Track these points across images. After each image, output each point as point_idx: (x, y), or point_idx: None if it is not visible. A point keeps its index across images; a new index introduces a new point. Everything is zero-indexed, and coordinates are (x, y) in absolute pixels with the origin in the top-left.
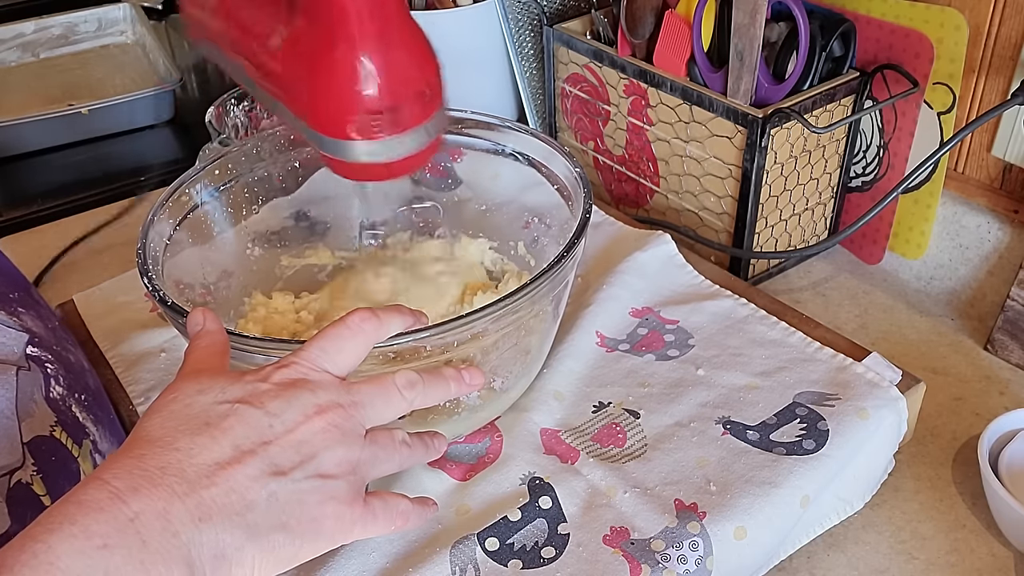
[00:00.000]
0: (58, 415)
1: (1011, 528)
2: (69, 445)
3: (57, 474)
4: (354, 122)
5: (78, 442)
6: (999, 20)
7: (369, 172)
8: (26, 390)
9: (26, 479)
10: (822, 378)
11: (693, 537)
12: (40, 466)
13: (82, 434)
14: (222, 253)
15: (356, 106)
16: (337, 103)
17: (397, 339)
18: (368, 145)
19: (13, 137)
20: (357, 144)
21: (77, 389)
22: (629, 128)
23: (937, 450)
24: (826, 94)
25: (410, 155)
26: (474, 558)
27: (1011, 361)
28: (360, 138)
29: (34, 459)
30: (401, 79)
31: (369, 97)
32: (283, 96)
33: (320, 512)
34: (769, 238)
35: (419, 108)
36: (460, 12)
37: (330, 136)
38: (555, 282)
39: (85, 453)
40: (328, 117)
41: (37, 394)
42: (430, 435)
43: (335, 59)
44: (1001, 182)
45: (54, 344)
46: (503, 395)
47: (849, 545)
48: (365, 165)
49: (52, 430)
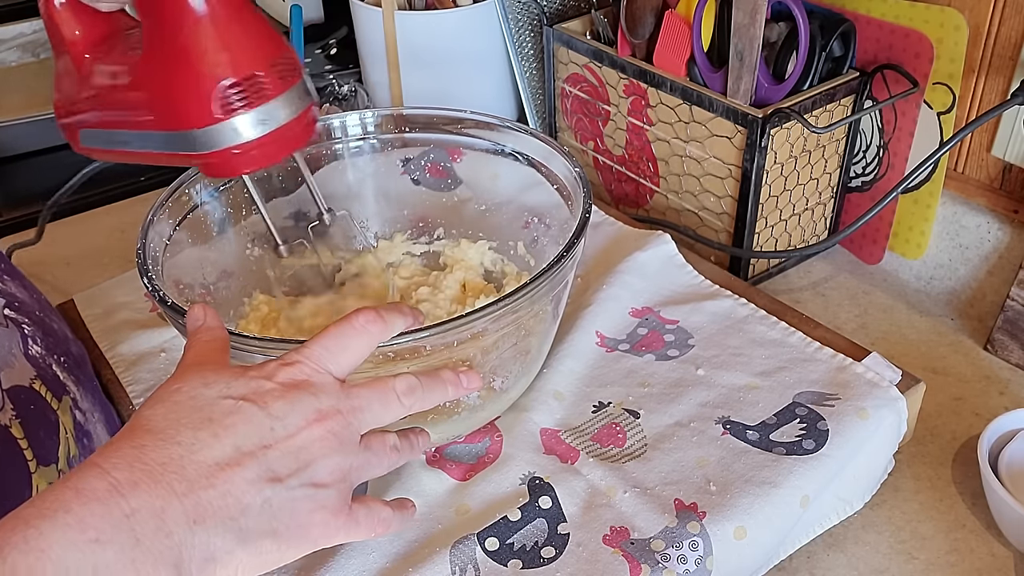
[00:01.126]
0: (38, 371)
1: (1011, 528)
2: (48, 398)
3: (36, 423)
4: (215, 99)
5: (58, 397)
6: (999, 20)
7: (250, 157)
8: (3, 344)
9: (4, 421)
10: (822, 378)
11: (693, 537)
12: (19, 412)
13: (62, 391)
14: (222, 253)
15: (212, 82)
16: (195, 87)
17: (397, 339)
18: (235, 121)
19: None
20: (226, 125)
21: (58, 352)
22: (629, 128)
23: (937, 450)
24: (826, 94)
25: (281, 127)
26: (474, 558)
27: (1011, 361)
28: (226, 115)
29: (13, 405)
30: (248, 49)
31: (222, 68)
32: (155, 120)
33: (309, 520)
34: (769, 238)
35: (276, 78)
36: (460, 12)
37: (201, 126)
38: (555, 282)
39: (65, 407)
40: (192, 107)
41: (16, 349)
42: (415, 434)
43: (180, 47)
44: (1001, 182)
45: (36, 310)
46: (503, 395)
47: (849, 545)
48: (245, 150)
49: (32, 383)
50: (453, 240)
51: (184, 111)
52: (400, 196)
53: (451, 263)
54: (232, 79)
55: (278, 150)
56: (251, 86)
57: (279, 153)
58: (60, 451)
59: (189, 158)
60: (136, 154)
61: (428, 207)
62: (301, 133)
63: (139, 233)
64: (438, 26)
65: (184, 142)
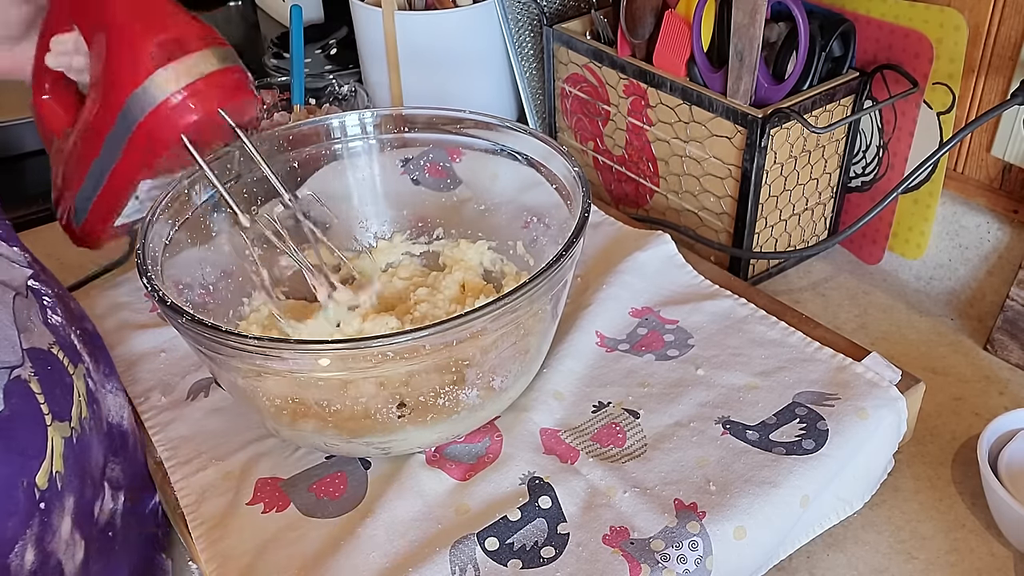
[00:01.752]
0: (56, 337)
1: (1011, 528)
2: (65, 363)
3: (52, 382)
4: (147, 56)
5: (74, 363)
6: (999, 20)
7: (184, 107)
8: (22, 311)
9: (24, 376)
10: (822, 378)
11: (693, 537)
12: (37, 370)
13: (78, 359)
14: (222, 253)
15: (143, 41)
16: (130, 51)
17: (397, 338)
18: (166, 71)
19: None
20: (158, 76)
21: (74, 324)
22: (629, 128)
23: (937, 450)
24: (826, 94)
25: (207, 77)
26: (474, 558)
27: (1011, 361)
28: (155, 67)
29: (32, 364)
30: (169, 16)
31: (151, 31)
32: (106, 111)
33: None
34: (769, 238)
35: (196, 40)
36: (460, 12)
37: (140, 82)
38: (553, 281)
39: (79, 374)
40: (130, 69)
41: (35, 317)
42: None
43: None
44: (1001, 182)
45: (55, 287)
46: (502, 394)
47: (849, 545)
48: (178, 103)
49: (50, 347)
50: (452, 240)
51: (126, 76)
52: (400, 196)
53: (450, 263)
54: (160, 37)
55: (207, 100)
56: (175, 43)
57: (208, 103)
58: (73, 411)
59: (140, 141)
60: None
61: (428, 207)
62: (230, 89)
63: (139, 233)
64: (438, 26)
65: (131, 114)
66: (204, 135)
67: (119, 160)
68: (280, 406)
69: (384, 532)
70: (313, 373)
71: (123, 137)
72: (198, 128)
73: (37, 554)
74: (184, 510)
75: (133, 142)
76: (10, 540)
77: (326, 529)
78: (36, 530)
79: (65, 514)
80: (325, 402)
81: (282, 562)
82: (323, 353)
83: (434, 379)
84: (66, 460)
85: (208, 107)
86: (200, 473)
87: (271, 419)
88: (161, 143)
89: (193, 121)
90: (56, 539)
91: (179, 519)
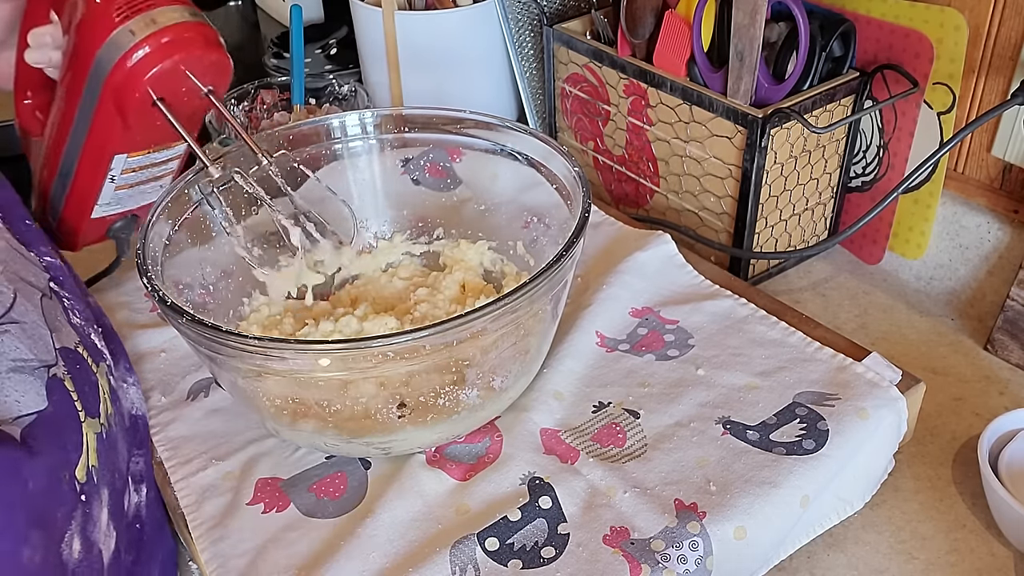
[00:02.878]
0: (80, 337)
1: (1011, 528)
2: (89, 362)
3: (83, 382)
4: (114, 10)
5: (96, 362)
6: (999, 20)
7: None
8: (51, 312)
9: (60, 375)
10: (822, 378)
11: (693, 537)
12: (69, 369)
13: (100, 357)
14: (222, 253)
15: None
16: (98, 9)
17: (397, 338)
18: (131, 24)
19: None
20: (124, 28)
21: (94, 323)
22: (629, 128)
23: (937, 450)
24: (826, 94)
25: (171, 27)
26: (474, 558)
27: (1011, 361)
28: (122, 20)
29: (64, 363)
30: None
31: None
32: (77, 69)
33: None
34: (769, 238)
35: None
36: (460, 12)
37: (108, 35)
38: (554, 282)
39: (102, 372)
40: (98, 24)
41: (60, 317)
42: None
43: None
44: (1001, 182)
45: (75, 286)
46: (503, 394)
47: (849, 545)
48: (144, 55)
49: (76, 347)
50: (452, 240)
51: (94, 36)
52: (400, 196)
53: (450, 263)
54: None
55: (170, 49)
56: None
57: (171, 52)
58: (100, 408)
59: (108, 102)
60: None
61: (428, 207)
62: (195, 42)
63: (139, 233)
64: (438, 26)
65: (98, 75)
66: (174, 97)
67: (90, 131)
68: (280, 406)
69: (384, 532)
70: (313, 373)
71: (92, 104)
72: (164, 83)
73: (82, 543)
74: (184, 510)
75: (102, 106)
76: (61, 530)
77: (326, 529)
78: (80, 521)
79: (103, 506)
80: (325, 402)
81: (282, 562)
82: (323, 353)
83: (434, 379)
84: (99, 455)
85: (171, 56)
86: (200, 473)
87: (271, 419)
88: (129, 102)
89: (157, 73)
90: (97, 529)
91: (179, 519)
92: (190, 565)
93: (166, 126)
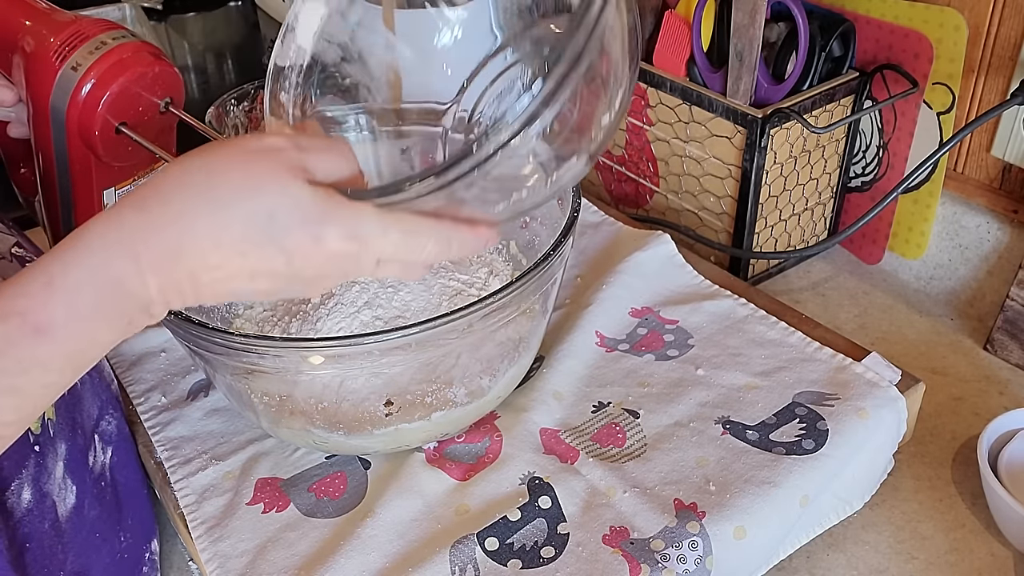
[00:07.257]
0: None
1: (1011, 528)
2: None
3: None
4: (53, 55)
5: None
6: (999, 20)
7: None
8: (9, 274)
9: None
10: (821, 378)
11: (692, 537)
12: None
13: None
14: None
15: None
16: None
17: (382, 336)
18: (73, 58)
19: None
20: (67, 65)
21: None
22: (629, 128)
23: (937, 450)
24: (826, 94)
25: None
26: (474, 558)
27: (1011, 361)
28: (62, 62)
29: None
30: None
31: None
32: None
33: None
34: (769, 238)
35: (95, 27)
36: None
37: (52, 80)
38: (541, 280)
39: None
40: (45, 70)
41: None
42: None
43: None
44: (1000, 182)
45: (38, 253)
46: (490, 392)
47: (849, 545)
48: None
49: None
50: None
51: (41, 81)
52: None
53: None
54: (57, 39)
55: (113, 74)
56: (75, 36)
57: (114, 76)
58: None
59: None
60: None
61: None
62: (135, 56)
63: None
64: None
65: (58, 118)
66: (135, 118)
67: (71, 177)
68: (268, 403)
69: (384, 532)
70: (300, 371)
71: (64, 151)
72: (120, 107)
73: (34, 493)
74: (184, 510)
75: (72, 150)
76: (6, 479)
77: (326, 529)
78: (32, 471)
79: (58, 459)
80: (313, 400)
81: (282, 562)
82: (310, 350)
83: (421, 377)
84: (57, 409)
85: (118, 78)
86: (200, 473)
87: (262, 417)
88: (92, 135)
89: (110, 99)
90: (51, 481)
91: (179, 519)
92: (190, 565)
93: (139, 150)
